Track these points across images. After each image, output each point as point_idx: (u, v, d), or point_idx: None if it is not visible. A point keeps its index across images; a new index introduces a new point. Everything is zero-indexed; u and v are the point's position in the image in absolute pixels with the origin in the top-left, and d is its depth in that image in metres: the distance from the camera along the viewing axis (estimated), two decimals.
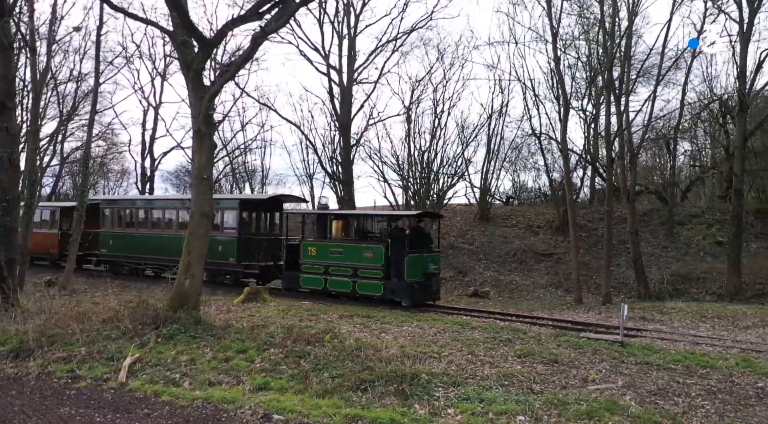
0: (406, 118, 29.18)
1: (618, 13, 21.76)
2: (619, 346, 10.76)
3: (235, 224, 19.40)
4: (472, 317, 14.30)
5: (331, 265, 16.77)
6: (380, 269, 15.95)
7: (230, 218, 19.77)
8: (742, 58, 20.40)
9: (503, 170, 33.25)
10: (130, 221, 22.73)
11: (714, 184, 31.52)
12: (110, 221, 23.13)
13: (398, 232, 16.12)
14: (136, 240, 21.88)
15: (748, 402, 7.40)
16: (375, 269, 16.09)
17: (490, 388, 7.86)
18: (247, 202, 20.49)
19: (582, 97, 28.89)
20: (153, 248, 21.16)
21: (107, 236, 22.89)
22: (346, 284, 16.53)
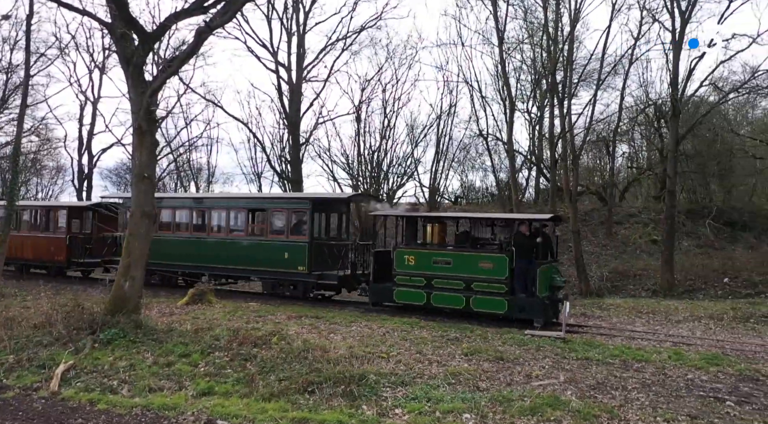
0: (356, 117, 29.14)
1: (561, 19, 22.45)
2: (561, 342, 11.09)
3: (306, 227, 16.51)
4: (420, 317, 14.40)
5: (436, 276, 14.24)
6: (503, 283, 13.49)
7: (298, 219, 16.95)
8: (675, 66, 21.44)
9: (452, 170, 33.74)
10: (174, 222, 18.97)
11: (649, 185, 33.02)
12: None
13: (523, 238, 13.72)
14: (184, 246, 18.31)
15: (679, 394, 7.78)
16: (496, 283, 13.58)
17: (438, 387, 7.94)
18: (320, 201, 17.39)
19: (527, 100, 29.70)
20: (207, 255, 17.75)
21: None
22: (456, 299, 13.97)
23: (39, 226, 21.89)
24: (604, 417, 6.71)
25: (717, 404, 7.29)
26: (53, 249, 21.17)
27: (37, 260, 21.60)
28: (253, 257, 16.93)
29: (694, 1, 20.94)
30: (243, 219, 18.03)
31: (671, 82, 22.17)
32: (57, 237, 21.28)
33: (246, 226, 17.76)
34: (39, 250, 21.43)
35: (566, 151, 23.33)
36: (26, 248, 21.60)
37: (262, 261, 16.74)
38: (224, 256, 17.44)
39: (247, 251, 17.10)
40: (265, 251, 16.73)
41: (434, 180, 30.82)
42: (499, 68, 25.67)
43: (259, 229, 17.56)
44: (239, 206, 18.00)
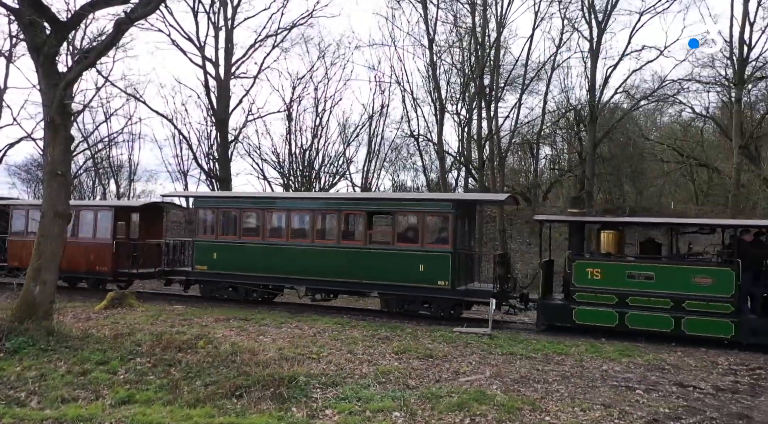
0: (287, 115, 28.77)
1: (488, 25, 23.15)
2: (488, 338, 11.44)
3: (448, 234, 13.79)
4: (352, 317, 14.42)
5: (632, 293, 12.16)
6: (728, 301, 11.47)
7: (437, 224, 14.38)
8: (592, 74, 22.72)
9: (383, 170, 33.99)
10: (263, 227, 15.75)
11: (570, 186, 34.73)
12: (212, 226, 16.25)
13: (749, 247, 11.91)
14: (276, 254, 15.28)
15: (595, 384, 8.23)
16: (718, 301, 11.55)
17: (368, 386, 7.96)
18: (464, 203, 15.02)
19: (457, 102, 30.39)
20: (308, 266, 14.89)
21: (208, 248, 15.96)
22: (662, 320, 11.89)
23: (75, 230, 17.79)
24: (526, 409, 6.98)
25: (628, 393, 7.77)
26: (94, 257, 17.40)
27: (71, 270, 17.41)
28: (372, 269, 14.13)
29: (610, 13, 22.23)
30: (359, 224, 15.25)
31: (589, 89, 23.45)
32: (100, 243, 17.47)
33: (363, 232, 14.67)
34: (77, 259, 17.37)
35: (493, 152, 24.10)
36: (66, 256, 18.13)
37: (386, 274, 13.97)
38: (331, 267, 14.56)
39: (363, 261, 14.25)
40: (391, 261, 14.03)
41: (366, 179, 30.95)
42: (429, 70, 26.13)
43: (382, 235, 15.13)
44: (353, 209, 15.10)
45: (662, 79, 24.86)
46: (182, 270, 16.73)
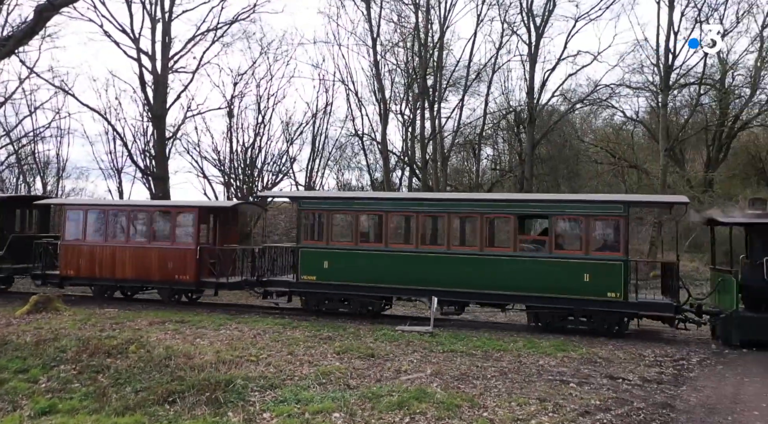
0: (228, 112, 28.04)
1: (431, 26, 23.39)
2: (429, 336, 11.53)
3: (619, 240, 12.42)
4: (294, 317, 14.20)
5: None
6: None
7: (606, 229, 12.94)
8: (531, 77, 23.39)
9: (328, 169, 33.76)
10: (386, 232, 14.03)
11: (510, 186, 35.67)
12: (322, 231, 14.38)
13: None
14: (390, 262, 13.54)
15: (531, 379, 8.44)
16: None
17: (308, 387, 7.85)
18: (635, 205, 13.66)
19: (401, 102, 30.57)
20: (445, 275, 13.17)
21: (317, 255, 14.11)
22: None
23: (149, 233, 15.88)
24: (465, 406, 7.06)
25: (562, 387, 8.01)
26: (173, 265, 15.21)
27: (143, 279, 15.61)
28: (520, 279, 12.67)
29: (547, 19, 22.94)
30: (506, 228, 13.82)
31: (528, 92, 24.12)
32: (182, 249, 15.29)
33: (511, 237, 13.19)
34: (148, 267, 15.44)
35: (436, 152, 24.40)
36: (125, 263, 15.59)
37: (538, 284, 12.53)
38: (471, 277, 13.02)
39: (511, 270, 12.81)
40: (546, 271, 12.57)
41: (310, 178, 30.63)
42: (373, 70, 26.14)
43: (535, 241, 13.56)
44: (500, 211, 13.50)
45: (596, 83, 25.95)
46: (282, 280, 14.64)
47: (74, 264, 15.86)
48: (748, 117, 28.55)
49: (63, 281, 16.16)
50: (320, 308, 14.14)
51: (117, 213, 16.43)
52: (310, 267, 14.04)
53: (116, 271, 15.56)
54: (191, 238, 15.38)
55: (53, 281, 16.33)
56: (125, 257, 15.53)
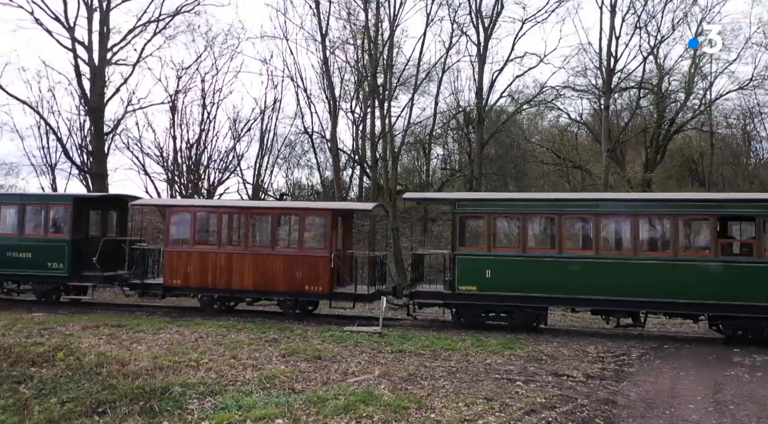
0: (171, 107, 27.02)
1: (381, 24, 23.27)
2: (378, 336, 11.39)
3: None
4: (239, 319, 13.77)
5: None
6: None
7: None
8: (480, 77, 23.64)
9: (277, 167, 33.15)
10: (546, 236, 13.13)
11: (460, 185, 36.06)
12: (483, 235, 13.00)
13: None
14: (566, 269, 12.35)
15: (479, 378, 8.42)
16: None
17: (251, 393, 7.54)
18: None
19: (351, 100, 30.33)
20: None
21: (478, 263, 12.78)
22: None
23: (272, 238, 14.13)
24: (412, 408, 6.94)
25: (509, 385, 8.03)
26: (302, 274, 13.67)
27: (265, 289, 14.02)
28: (720, 287, 11.63)
29: (495, 20, 23.23)
30: (704, 231, 12.63)
31: (477, 92, 24.37)
32: (313, 256, 13.72)
33: (711, 241, 12.00)
34: (271, 276, 13.86)
35: (386, 151, 24.31)
36: (243, 272, 14.00)
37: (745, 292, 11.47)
38: (661, 284, 11.87)
39: (710, 277, 11.72)
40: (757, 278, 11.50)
41: (258, 176, 29.98)
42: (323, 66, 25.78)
43: (740, 245, 12.45)
44: (698, 212, 12.30)
45: (542, 85, 26.52)
46: (434, 291, 13.48)
47: (181, 273, 14.10)
48: (683, 121, 29.92)
49: (167, 292, 14.43)
50: (476, 322, 13.01)
51: (232, 215, 14.65)
52: (470, 276, 12.76)
53: (233, 280, 13.91)
54: (324, 244, 13.84)
55: (155, 292, 14.61)
56: (243, 265, 13.88)
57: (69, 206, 15.08)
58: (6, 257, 15.03)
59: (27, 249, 15.03)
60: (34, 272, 14.99)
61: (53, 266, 14.86)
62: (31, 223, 15.41)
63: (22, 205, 15.32)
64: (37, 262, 14.89)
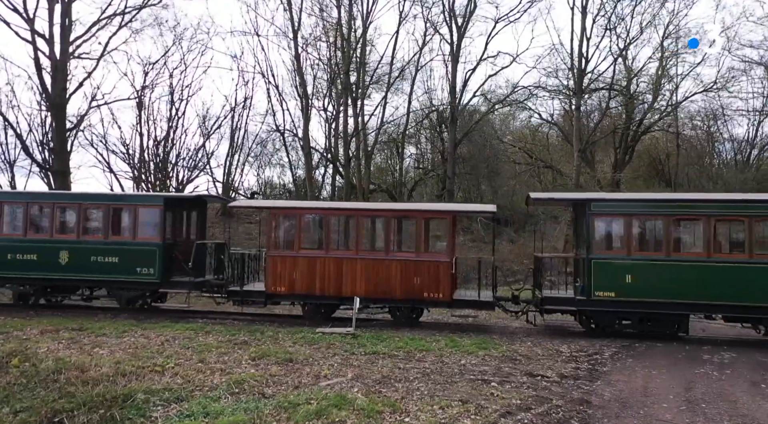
0: (138, 103, 26.30)
1: (354, 21, 23.05)
2: (351, 338, 11.18)
3: None
4: (208, 321, 13.39)
5: None
6: None
7: None
8: (453, 76, 23.64)
9: (247, 165, 32.63)
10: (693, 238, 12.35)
11: (433, 184, 36.07)
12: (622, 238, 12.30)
13: None
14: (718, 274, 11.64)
15: (453, 379, 8.30)
16: None
17: (219, 398, 7.25)
18: None
19: (323, 98, 30.02)
20: None
21: (617, 268, 12.04)
22: None
23: (387, 242, 13.24)
24: (386, 412, 6.76)
25: (484, 386, 7.92)
26: (420, 281, 12.82)
27: (379, 297, 13.12)
28: None
29: (469, 19, 23.26)
30: None
31: (450, 91, 24.36)
32: (433, 261, 12.88)
33: None
34: (387, 282, 12.98)
35: (359, 149, 24.10)
36: (355, 278, 13.12)
37: None
38: None
39: None
40: None
41: (228, 175, 29.43)
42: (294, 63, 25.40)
43: None
44: None
45: (514, 85, 26.70)
46: (564, 297, 12.76)
47: (286, 279, 13.21)
48: (650, 122, 30.52)
49: (269, 299, 13.57)
50: (611, 329, 12.37)
51: (342, 218, 13.80)
52: (608, 282, 12.00)
53: (343, 287, 13.03)
54: (445, 248, 13.17)
55: (256, 300, 13.66)
56: (355, 271, 13.01)
57: (160, 208, 14.06)
58: (90, 261, 13.93)
59: (113, 253, 13.94)
60: (121, 277, 13.95)
61: (142, 272, 13.81)
62: (118, 225, 14.44)
63: (109, 206, 14.28)
64: (125, 267, 13.86)
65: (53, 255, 14.05)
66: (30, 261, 14.14)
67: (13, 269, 14.19)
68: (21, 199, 14.84)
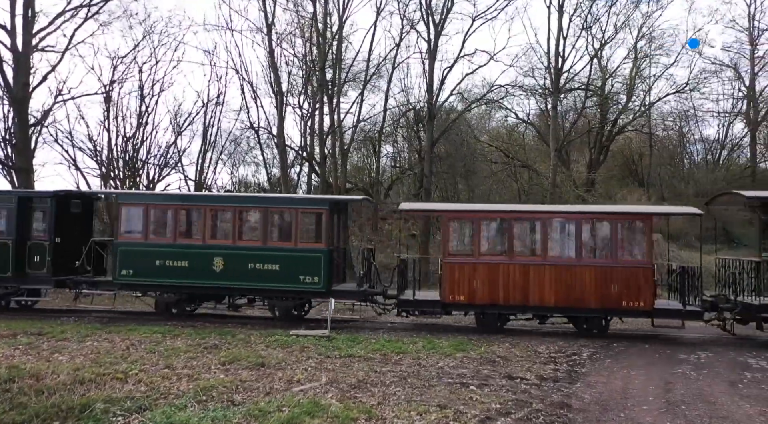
0: (106, 98, 25.46)
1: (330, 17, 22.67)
2: (326, 340, 10.87)
3: None
4: (177, 324, 12.93)
5: None
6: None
7: None
8: (430, 74, 23.43)
9: (221, 163, 31.96)
10: None
11: (410, 183, 35.86)
12: None
13: None
14: None
15: (431, 383, 8.05)
16: None
17: (185, 407, 6.87)
18: None
19: (299, 95, 29.55)
20: None
21: None
22: None
23: (578, 247, 12.30)
24: (362, 419, 6.47)
25: (462, 390, 7.68)
26: (618, 289, 11.90)
27: (570, 306, 12.19)
28: None
29: (446, 16, 23.07)
30: None
31: (427, 89, 24.15)
32: (632, 267, 11.99)
33: None
34: (579, 290, 12.07)
35: (335, 147, 23.73)
36: (540, 286, 12.17)
37: None
38: None
39: None
40: None
41: (201, 173, 28.75)
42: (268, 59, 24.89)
43: None
44: None
45: (491, 84, 26.65)
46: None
47: (465, 288, 12.32)
48: (624, 122, 30.83)
49: (446, 308, 12.63)
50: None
51: (524, 222, 12.85)
52: None
53: (530, 295, 12.15)
54: (644, 252, 12.10)
55: (429, 310, 12.71)
56: (543, 278, 12.17)
57: (324, 212, 13.24)
58: (247, 268, 13.03)
59: (273, 260, 13.00)
60: (283, 285, 13.05)
61: (306, 280, 12.86)
62: (276, 230, 13.57)
63: (267, 209, 13.38)
64: (286, 275, 12.93)
65: (206, 262, 13.14)
66: (180, 268, 13.20)
67: (160, 277, 13.25)
68: (169, 202, 13.98)
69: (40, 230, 14.22)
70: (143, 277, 13.41)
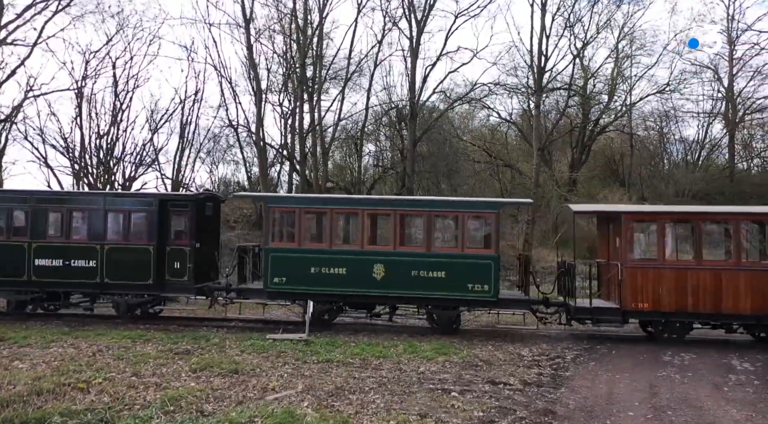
0: (78, 93, 24.69)
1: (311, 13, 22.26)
2: (304, 344, 10.51)
3: None
4: (149, 327, 12.46)
5: None
6: None
7: None
8: (412, 72, 23.16)
9: (199, 161, 31.32)
10: None
11: (392, 182, 35.56)
12: None
13: None
14: None
15: (412, 389, 7.75)
16: None
17: (150, 418, 6.47)
18: None
19: (279, 92, 29.05)
20: None
21: None
22: None
23: None
24: None
25: (444, 397, 7.39)
26: None
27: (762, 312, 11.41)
28: None
29: (428, 13, 22.81)
30: None
31: (409, 87, 23.87)
32: None
33: None
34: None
35: (316, 146, 23.34)
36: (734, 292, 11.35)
37: None
38: None
39: None
40: None
41: (178, 171, 28.11)
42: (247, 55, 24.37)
43: None
44: None
45: (474, 83, 26.47)
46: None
47: (649, 294, 11.55)
48: (606, 122, 30.90)
49: (626, 316, 11.82)
50: None
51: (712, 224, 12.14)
52: None
53: (723, 302, 11.36)
54: None
55: (607, 318, 11.83)
56: (738, 284, 11.37)
57: (493, 215, 12.32)
58: (410, 276, 12.16)
59: (439, 267, 12.12)
60: (450, 294, 12.14)
61: (476, 288, 11.99)
62: (442, 236, 12.82)
63: (430, 213, 12.51)
64: (454, 283, 12.03)
65: (366, 269, 12.29)
66: (337, 275, 12.35)
67: (314, 285, 12.36)
68: (323, 206, 13.07)
69: (180, 235, 13.36)
70: (296, 285, 12.49)
